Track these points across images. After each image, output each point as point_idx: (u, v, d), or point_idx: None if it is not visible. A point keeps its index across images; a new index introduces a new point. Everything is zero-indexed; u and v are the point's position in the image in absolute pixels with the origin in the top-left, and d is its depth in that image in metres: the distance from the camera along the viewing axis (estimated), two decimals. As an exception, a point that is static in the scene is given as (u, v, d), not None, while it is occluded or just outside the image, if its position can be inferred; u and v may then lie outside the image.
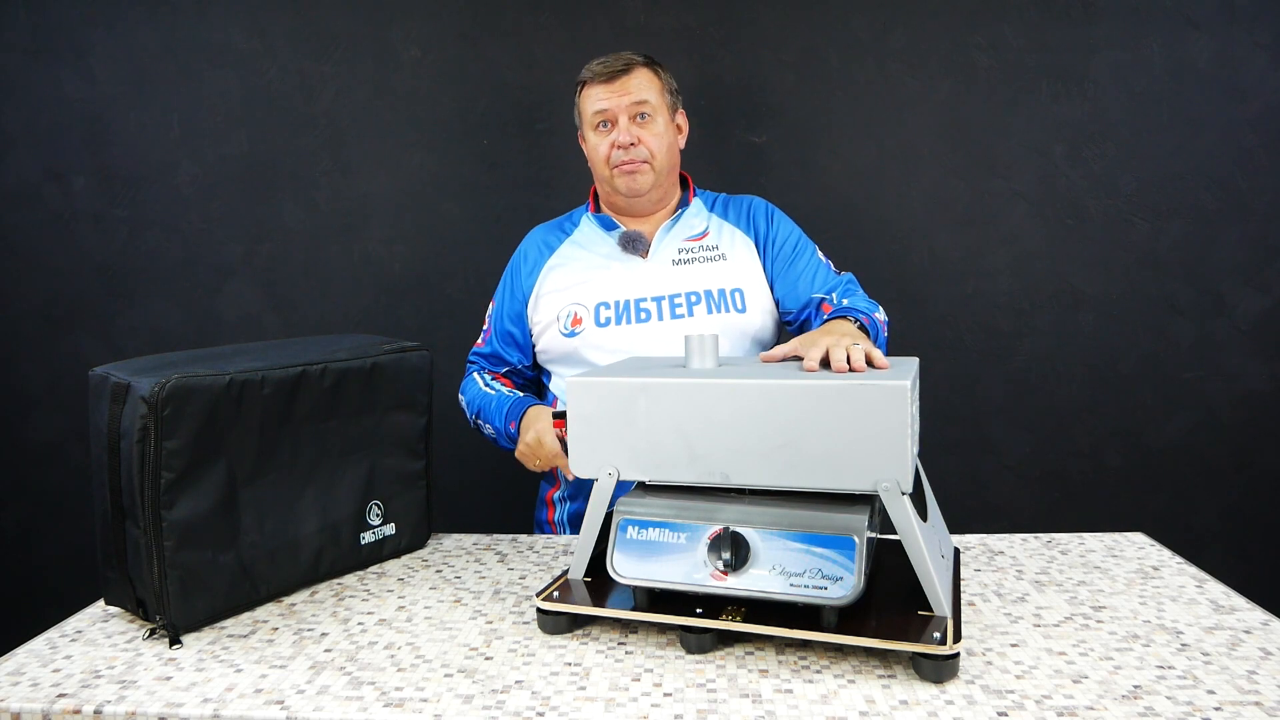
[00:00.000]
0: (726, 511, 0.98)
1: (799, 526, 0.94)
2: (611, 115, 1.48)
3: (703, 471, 0.99)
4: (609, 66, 1.48)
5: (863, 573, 0.91)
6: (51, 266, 2.11)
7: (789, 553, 0.94)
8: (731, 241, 1.55)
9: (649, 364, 1.13)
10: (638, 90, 1.48)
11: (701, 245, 1.54)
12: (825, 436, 0.93)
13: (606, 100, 1.48)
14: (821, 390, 0.93)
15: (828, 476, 0.94)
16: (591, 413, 1.02)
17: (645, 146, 1.48)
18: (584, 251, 1.56)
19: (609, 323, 1.48)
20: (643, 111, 1.48)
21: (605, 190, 1.57)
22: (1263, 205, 1.97)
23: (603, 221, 1.57)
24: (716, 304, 1.48)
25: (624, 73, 1.48)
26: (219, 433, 1.07)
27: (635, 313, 1.48)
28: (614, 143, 1.48)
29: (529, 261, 1.59)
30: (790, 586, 0.93)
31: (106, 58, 2.06)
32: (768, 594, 0.94)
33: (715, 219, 1.58)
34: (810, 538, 0.94)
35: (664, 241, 1.54)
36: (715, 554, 0.96)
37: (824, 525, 0.94)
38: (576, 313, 1.49)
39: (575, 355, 1.50)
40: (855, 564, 0.91)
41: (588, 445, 1.02)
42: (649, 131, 1.49)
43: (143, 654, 0.99)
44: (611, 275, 1.52)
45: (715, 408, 0.97)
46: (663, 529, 0.99)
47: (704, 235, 1.55)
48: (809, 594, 0.92)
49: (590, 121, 1.51)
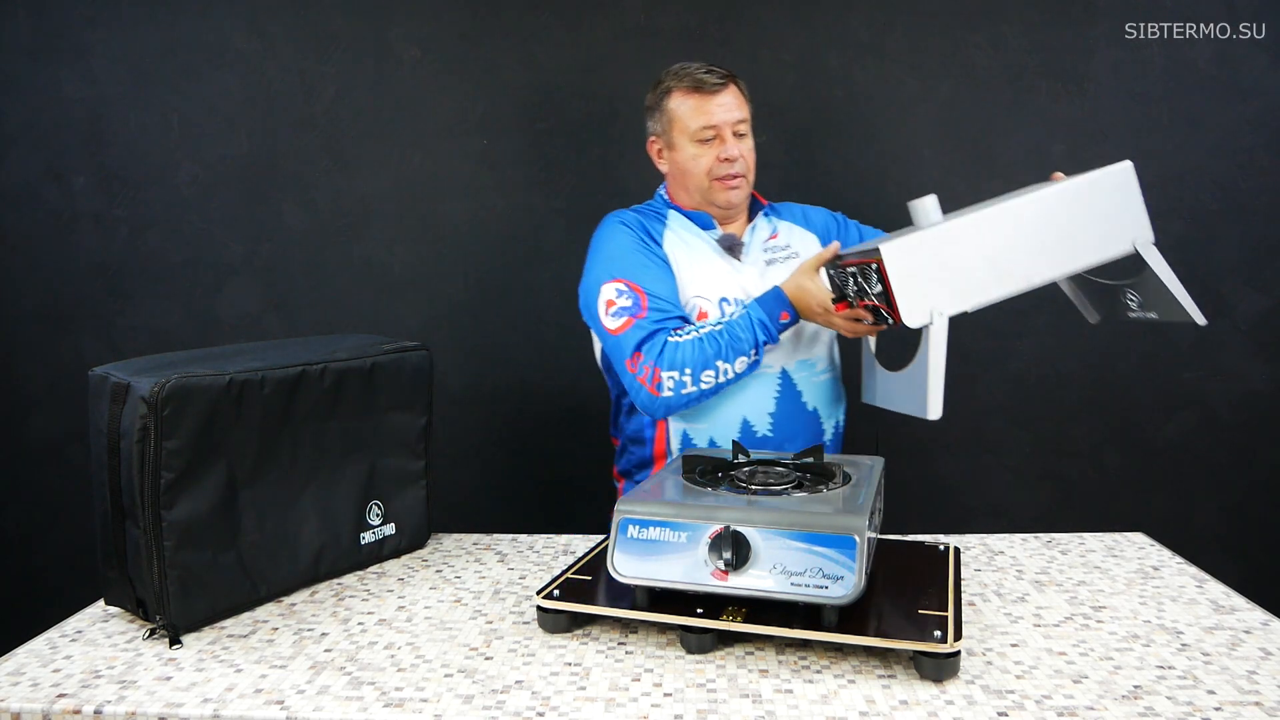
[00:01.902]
0: (727, 511, 0.98)
1: (800, 526, 0.94)
2: (720, 130, 1.50)
3: (1009, 284, 1.23)
4: (713, 80, 1.49)
5: (863, 572, 0.91)
6: (51, 266, 2.11)
7: (790, 552, 0.94)
8: (798, 239, 1.61)
9: (908, 231, 1.26)
10: (741, 104, 1.52)
11: (777, 246, 1.58)
12: (1089, 221, 1.23)
13: (715, 114, 1.49)
14: (1078, 188, 1.23)
15: (1098, 250, 1.24)
16: (911, 268, 1.20)
17: (744, 161, 1.52)
18: (689, 243, 1.55)
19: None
20: (742, 130, 1.52)
21: (695, 199, 1.56)
22: (1263, 205, 1.97)
23: (699, 220, 1.57)
24: None
25: (724, 87, 1.50)
26: (219, 433, 1.07)
27: None
28: (720, 157, 1.50)
29: (649, 236, 1.54)
30: (791, 585, 0.93)
31: (106, 58, 2.06)
32: (769, 593, 0.93)
33: (777, 221, 1.63)
34: (811, 537, 0.94)
35: (751, 245, 1.57)
36: (716, 553, 0.95)
37: (824, 525, 0.94)
38: (702, 307, 1.49)
39: None
40: (856, 563, 0.91)
41: (914, 296, 1.20)
42: (746, 146, 1.53)
43: (143, 654, 0.99)
44: (721, 273, 1.52)
45: (1005, 228, 1.22)
46: (663, 528, 0.98)
47: (775, 236, 1.60)
48: (810, 593, 0.92)
49: (694, 133, 1.51)
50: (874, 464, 1.19)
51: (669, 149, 1.56)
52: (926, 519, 1.98)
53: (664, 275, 1.49)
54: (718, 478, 1.12)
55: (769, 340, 1.41)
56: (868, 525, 0.94)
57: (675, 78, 1.52)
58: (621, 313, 1.43)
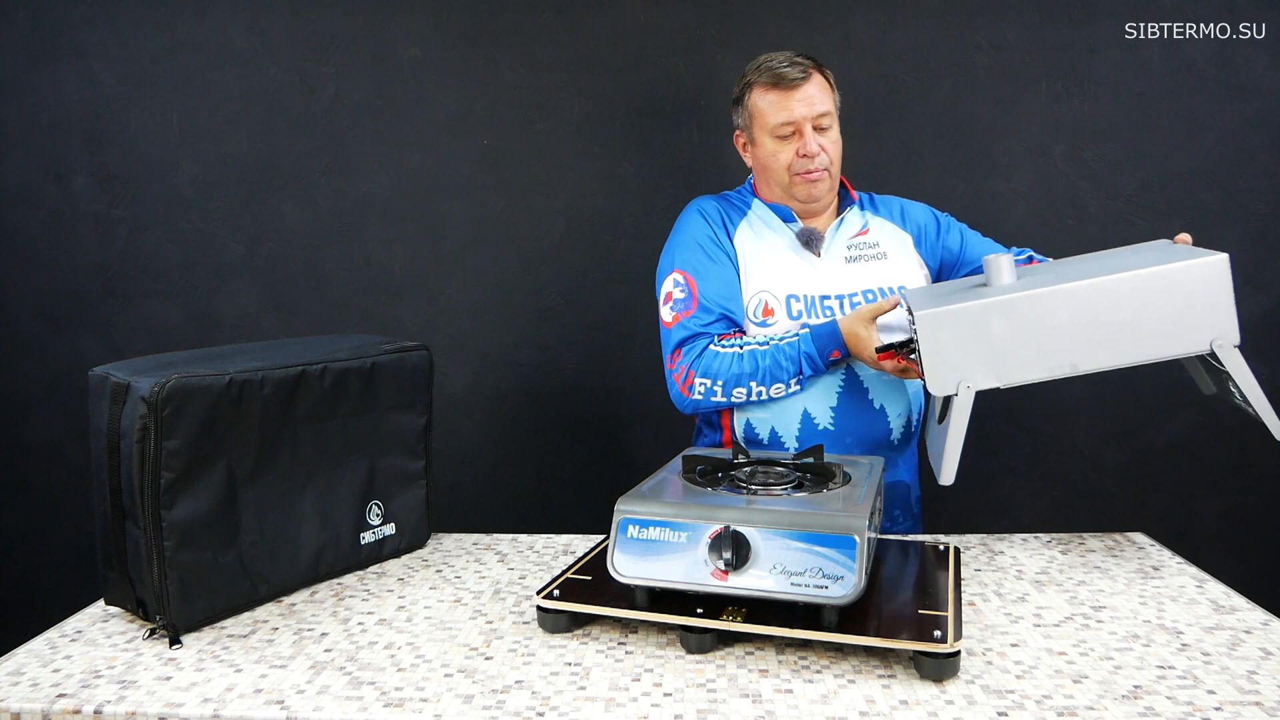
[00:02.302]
0: (727, 511, 0.98)
1: (800, 526, 0.94)
2: (799, 125, 1.48)
3: (1051, 367, 1.16)
4: (799, 71, 1.48)
5: (864, 571, 0.91)
6: (51, 266, 2.11)
7: (790, 552, 0.94)
8: (890, 237, 1.57)
9: (958, 288, 1.23)
10: (819, 100, 1.49)
11: (865, 242, 1.56)
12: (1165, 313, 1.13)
13: (793, 110, 1.48)
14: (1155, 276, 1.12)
15: (1167, 346, 1.14)
16: (943, 339, 1.16)
17: (826, 154, 1.50)
18: (764, 237, 1.55)
19: (800, 316, 1.48)
20: (824, 124, 1.50)
21: (777, 193, 1.55)
22: (1263, 205, 1.97)
23: (780, 212, 1.56)
24: None
25: (805, 80, 1.48)
26: (219, 433, 1.07)
27: (820, 309, 1.49)
28: (799, 152, 1.49)
29: (721, 229, 1.55)
30: (791, 585, 0.93)
31: (106, 58, 2.06)
32: (769, 593, 0.93)
33: (870, 215, 1.60)
34: (811, 537, 0.94)
35: (834, 240, 1.55)
36: (716, 553, 0.95)
37: (825, 525, 0.94)
38: (768, 302, 1.49)
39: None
40: (856, 563, 0.91)
41: (942, 367, 1.17)
42: (829, 139, 1.51)
43: (143, 654, 0.99)
44: (795, 268, 1.52)
45: (1059, 311, 1.14)
46: (663, 528, 0.99)
47: (865, 232, 1.57)
48: (810, 593, 0.92)
49: (773, 130, 1.50)
50: (873, 464, 1.19)
51: (752, 144, 1.56)
52: (926, 519, 1.99)
53: (723, 273, 1.50)
54: (717, 478, 1.12)
55: (814, 373, 1.43)
56: (868, 525, 0.94)
57: (756, 72, 1.51)
58: (675, 306, 1.49)
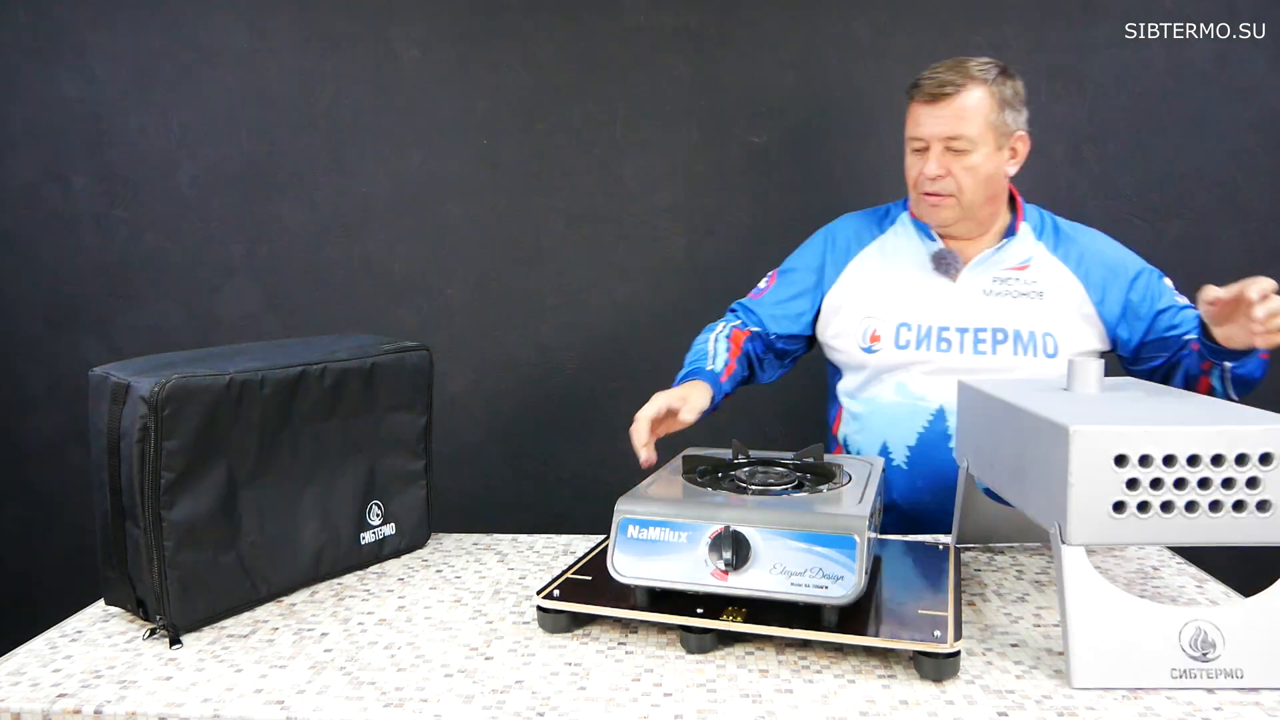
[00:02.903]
0: (727, 511, 0.98)
1: (800, 526, 0.94)
2: (925, 143, 1.40)
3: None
4: (939, 85, 1.37)
5: (864, 571, 0.91)
6: (51, 266, 2.11)
7: (790, 552, 0.94)
8: (1055, 279, 1.44)
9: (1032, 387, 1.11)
10: (958, 120, 1.36)
11: (1019, 277, 1.44)
12: None
13: (924, 126, 1.39)
14: None
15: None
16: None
17: (954, 180, 1.39)
18: (894, 256, 1.50)
19: (908, 345, 1.43)
20: (958, 146, 1.38)
21: (913, 210, 1.50)
22: (1263, 205, 1.97)
23: (922, 229, 1.49)
24: (1025, 345, 1.40)
25: (950, 95, 1.36)
26: (219, 433, 1.07)
27: (936, 340, 1.42)
28: (922, 171, 1.40)
29: (838, 248, 1.53)
30: (792, 585, 0.93)
31: (106, 58, 2.06)
32: (769, 593, 0.93)
33: (1043, 249, 1.47)
34: (811, 537, 0.93)
35: (979, 268, 1.45)
36: (716, 553, 0.95)
37: (825, 525, 0.94)
38: (876, 329, 1.44)
39: (868, 369, 1.47)
40: (856, 563, 0.91)
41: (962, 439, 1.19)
42: (961, 164, 1.38)
43: (143, 654, 0.99)
44: (917, 294, 1.45)
45: None
46: (663, 528, 0.99)
47: (1025, 267, 1.45)
48: (810, 593, 0.92)
49: (908, 140, 1.43)
50: (874, 464, 1.19)
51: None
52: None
53: (793, 293, 1.55)
54: (718, 478, 1.12)
55: None
56: (868, 525, 0.94)
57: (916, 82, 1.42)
58: (755, 290, 1.60)
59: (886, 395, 1.46)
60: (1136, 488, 0.86)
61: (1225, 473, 0.85)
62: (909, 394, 1.44)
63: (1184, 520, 0.86)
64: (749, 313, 1.56)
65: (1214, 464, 0.85)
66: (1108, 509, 0.86)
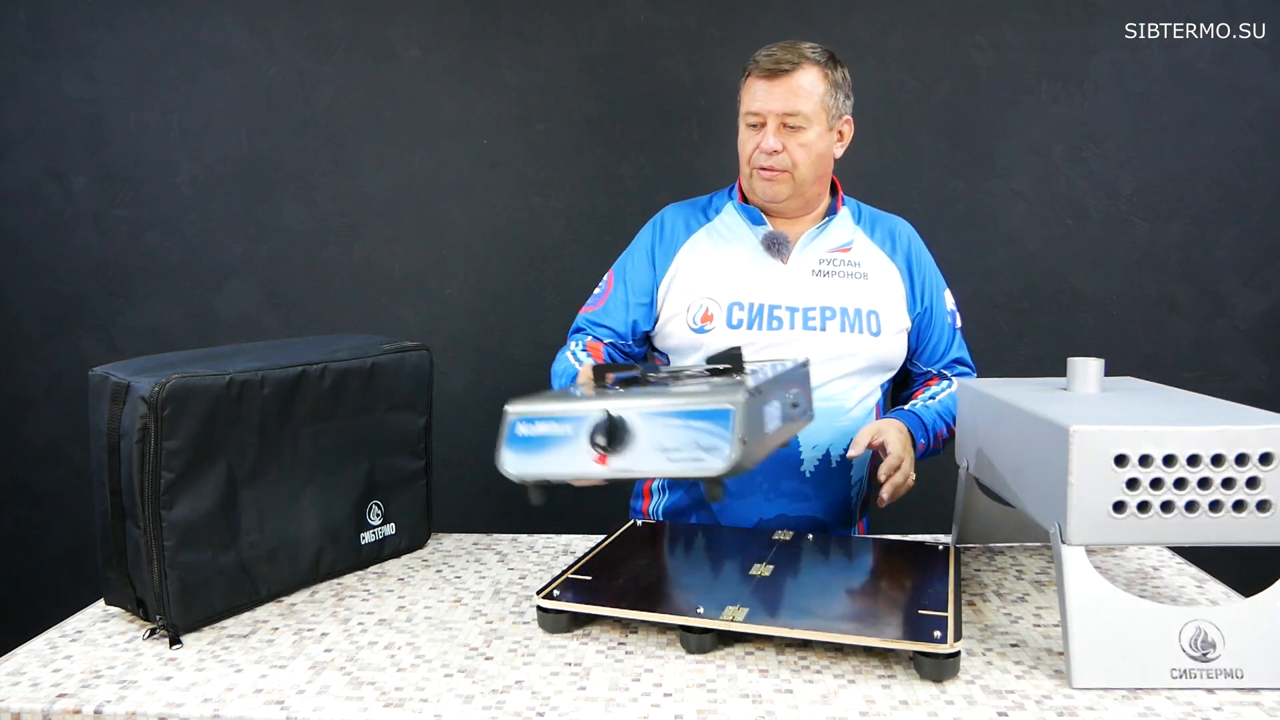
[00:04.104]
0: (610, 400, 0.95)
1: (677, 406, 0.91)
2: (762, 118, 1.42)
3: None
4: (776, 62, 1.40)
5: (739, 441, 0.88)
6: (51, 266, 2.11)
7: (667, 430, 0.91)
8: (875, 262, 1.50)
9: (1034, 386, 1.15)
10: (795, 96, 1.40)
11: (845, 259, 1.49)
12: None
13: (761, 100, 1.41)
14: None
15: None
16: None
17: (789, 156, 1.42)
18: (724, 242, 1.51)
19: (740, 324, 1.44)
20: (794, 123, 1.41)
21: (745, 186, 1.52)
22: (1263, 205, 1.97)
23: (749, 214, 1.51)
24: (852, 323, 1.44)
25: (787, 72, 1.39)
26: (219, 433, 1.07)
27: (768, 319, 1.44)
28: (759, 145, 1.42)
29: (666, 239, 1.54)
30: (669, 462, 0.90)
31: (106, 58, 2.06)
32: (645, 472, 0.91)
33: (861, 234, 1.53)
34: (688, 414, 0.90)
35: (807, 249, 1.48)
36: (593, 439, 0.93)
37: (701, 402, 0.90)
38: (709, 308, 1.45)
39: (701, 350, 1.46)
40: (731, 433, 0.88)
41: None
42: (796, 141, 1.41)
43: (143, 654, 0.99)
44: (750, 275, 1.47)
45: None
46: (550, 422, 0.96)
47: (848, 249, 1.50)
48: (685, 467, 0.89)
49: (743, 116, 1.45)
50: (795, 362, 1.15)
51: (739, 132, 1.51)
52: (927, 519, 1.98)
53: (632, 288, 1.52)
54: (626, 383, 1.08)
55: None
56: (748, 399, 0.90)
57: (752, 61, 1.44)
58: (591, 300, 1.56)
59: None
60: (1136, 488, 0.86)
61: (1225, 473, 0.85)
62: None
63: (1184, 520, 0.86)
64: (596, 326, 1.54)
65: (1214, 464, 0.85)
66: (1108, 509, 0.86)
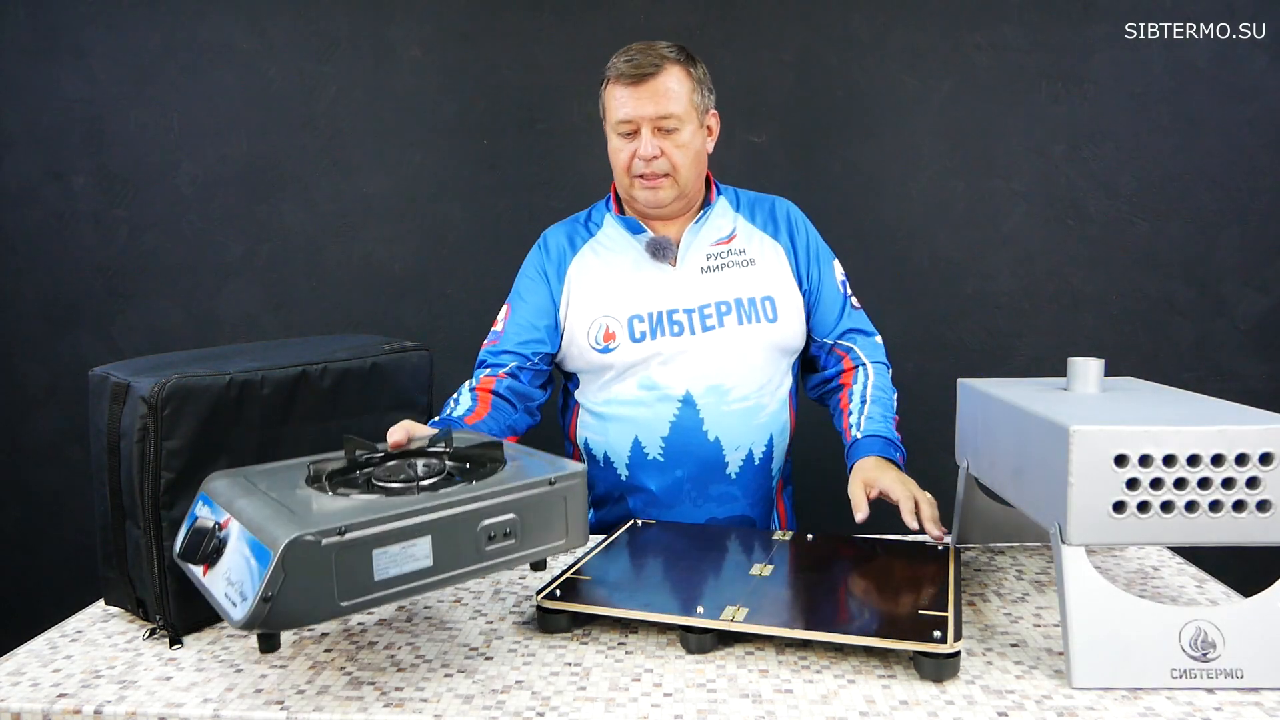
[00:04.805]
0: (241, 502, 0.86)
1: (254, 528, 0.80)
2: (635, 126, 1.39)
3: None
4: (637, 67, 1.36)
5: (259, 601, 0.74)
6: (51, 266, 2.11)
7: (240, 557, 0.81)
8: (760, 246, 1.48)
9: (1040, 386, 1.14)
10: (665, 98, 1.37)
11: (729, 249, 1.47)
12: None
13: (631, 107, 1.37)
14: None
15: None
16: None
17: (669, 159, 1.39)
18: (610, 255, 1.49)
19: (644, 337, 1.42)
20: (668, 125, 1.38)
21: (625, 195, 1.50)
22: (1263, 205, 1.97)
23: (628, 224, 1.49)
24: (747, 314, 1.43)
25: (652, 75, 1.36)
26: (219, 433, 1.07)
27: (668, 325, 1.42)
28: (635, 153, 1.39)
29: (554, 258, 1.52)
30: (224, 597, 0.80)
31: (106, 58, 2.06)
32: (216, 601, 0.82)
33: (742, 221, 1.50)
34: (255, 544, 0.78)
35: (691, 246, 1.46)
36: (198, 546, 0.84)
37: (262, 530, 0.79)
38: (609, 326, 1.43)
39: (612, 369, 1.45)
40: (258, 584, 0.75)
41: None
42: (673, 143, 1.39)
43: (143, 654, 0.99)
44: (641, 284, 1.45)
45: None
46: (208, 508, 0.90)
47: (731, 238, 1.48)
48: (225, 607, 0.79)
49: (614, 125, 1.41)
50: (569, 469, 0.94)
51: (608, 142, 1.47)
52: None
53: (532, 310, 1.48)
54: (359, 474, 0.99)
55: None
56: (324, 537, 0.76)
57: (610, 67, 1.41)
58: (491, 335, 1.51)
59: (630, 392, 1.44)
60: (1136, 488, 0.86)
61: (1225, 473, 0.85)
62: (654, 385, 1.42)
63: (1184, 520, 0.86)
64: (496, 356, 1.47)
65: (1214, 464, 0.85)
66: (1108, 509, 0.86)
